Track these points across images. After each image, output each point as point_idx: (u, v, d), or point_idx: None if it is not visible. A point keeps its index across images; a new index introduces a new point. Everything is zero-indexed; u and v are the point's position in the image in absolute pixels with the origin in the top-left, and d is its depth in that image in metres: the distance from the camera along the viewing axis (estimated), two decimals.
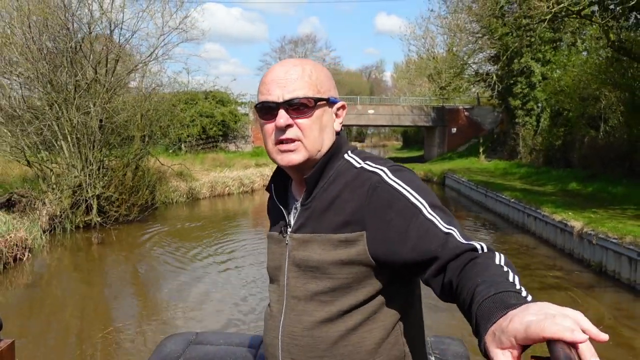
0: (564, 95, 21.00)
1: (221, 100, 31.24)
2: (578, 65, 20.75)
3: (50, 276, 9.53)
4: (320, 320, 1.17)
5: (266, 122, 1.21)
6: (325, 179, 1.22)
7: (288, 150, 1.19)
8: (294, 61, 1.24)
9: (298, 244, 1.22)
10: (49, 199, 12.29)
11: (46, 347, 6.05)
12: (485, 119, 35.28)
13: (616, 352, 5.88)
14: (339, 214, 1.17)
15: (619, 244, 8.36)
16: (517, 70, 26.57)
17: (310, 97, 1.18)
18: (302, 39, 68.19)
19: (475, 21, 20.78)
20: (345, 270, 1.16)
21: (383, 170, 1.18)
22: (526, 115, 26.94)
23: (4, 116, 11.55)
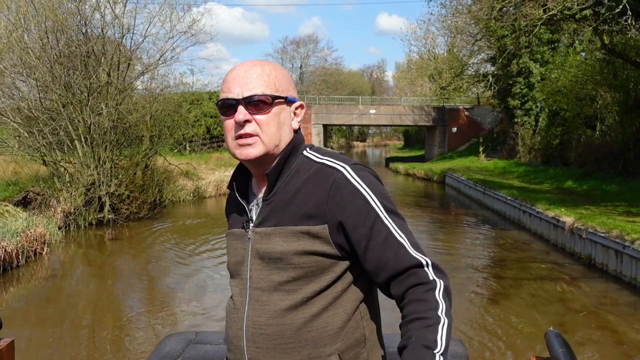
0: (561, 95, 21.46)
1: None
2: (575, 66, 21.21)
3: (67, 270, 10.05)
4: (285, 309, 1.22)
5: (227, 118, 1.26)
6: (285, 174, 1.28)
7: (246, 144, 1.24)
8: (254, 62, 1.29)
9: (260, 238, 1.26)
10: (64, 197, 12.81)
11: (61, 336, 6.54)
12: (485, 118, 35.73)
13: (600, 335, 6.38)
14: (301, 206, 1.22)
15: (606, 237, 8.85)
16: (515, 71, 27.04)
17: (268, 95, 1.24)
18: (303, 39, 68.50)
19: (474, 23, 21.20)
20: (308, 259, 1.21)
21: (345, 167, 1.24)
22: (525, 115, 27.39)
23: (22, 118, 12.07)
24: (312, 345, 1.21)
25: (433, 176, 27.65)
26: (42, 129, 12.18)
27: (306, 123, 34.43)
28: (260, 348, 1.23)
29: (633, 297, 7.68)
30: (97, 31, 12.99)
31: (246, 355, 1.26)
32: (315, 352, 1.21)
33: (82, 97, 12.31)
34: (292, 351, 1.21)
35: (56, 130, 12.34)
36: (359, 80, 73.68)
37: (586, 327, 6.56)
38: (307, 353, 1.21)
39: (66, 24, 11.57)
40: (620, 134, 17.37)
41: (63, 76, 11.55)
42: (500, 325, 6.61)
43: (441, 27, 28.78)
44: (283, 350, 1.22)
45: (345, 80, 67.24)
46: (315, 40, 71.86)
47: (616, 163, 16.95)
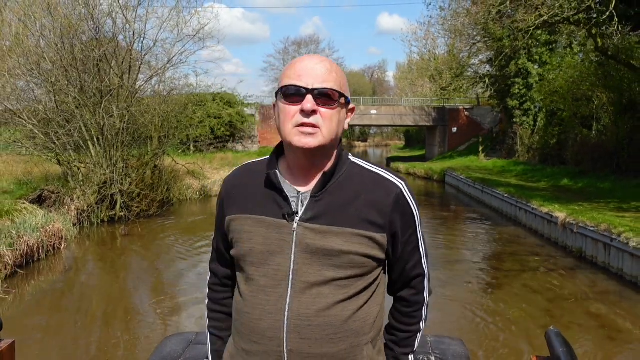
0: (558, 96, 21.95)
1: (228, 102, 32.28)
2: (571, 67, 21.70)
3: (84, 263, 10.56)
4: (337, 302, 1.29)
5: (290, 105, 1.28)
6: (337, 176, 1.34)
7: (307, 133, 1.27)
8: (320, 57, 1.34)
9: (313, 234, 1.29)
10: (77, 195, 13.33)
11: (76, 324, 7.03)
12: (485, 118, 36.19)
13: (585, 319, 6.89)
14: (362, 212, 1.30)
15: (595, 231, 9.36)
16: (514, 72, 27.52)
17: (336, 91, 1.29)
18: (305, 40, 69.15)
19: (473, 25, 21.68)
20: (365, 261, 1.30)
21: (402, 184, 1.37)
22: (523, 115, 27.87)
23: (38, 120, 12.59)
24: (354, 335, 1.30)
25: (433, 175, 28.16)
26: (57, 131, 12.70)
27: None
28: (306, 339, 1.27)
29: (619, 287, 8.17)
30: (109, 35, 13.52)
31: (286, 347, 1.28)
32: (357, 341, 1.31)
33: (95, 99, 12.82)
34: (338, 341, 1.28)
35: (70, 132, 12.86)
36: (360, 81, 74.16)
37: (572, 313, 7.06)
38: (350, 342, 1.30)
39: (80, 29, 12.09)
40: (614, 134, 17.86)
41: (77, 80, 12.07)
42: (495, 316, 7.11)
43: (441, 29, 29.21)
44: (331, 340, 1.28)
45: None
46: (317, 41, 72.36)
47: (611, 162, 17.44)
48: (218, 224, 1.48)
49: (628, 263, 8.33)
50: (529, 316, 6.87)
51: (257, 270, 1.32)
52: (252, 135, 34.42)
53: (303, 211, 1.30)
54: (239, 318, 1.37)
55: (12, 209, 11.30)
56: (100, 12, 13.34)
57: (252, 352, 1.32)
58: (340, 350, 1.29)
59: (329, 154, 1.34)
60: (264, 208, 1.34)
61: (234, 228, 1.37)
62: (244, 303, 1.34)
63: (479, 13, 14.85)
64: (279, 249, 1.30)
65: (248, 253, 1.33)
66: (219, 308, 1.51)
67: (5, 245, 8.61)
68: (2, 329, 1.73)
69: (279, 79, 1.33)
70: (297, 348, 1.27)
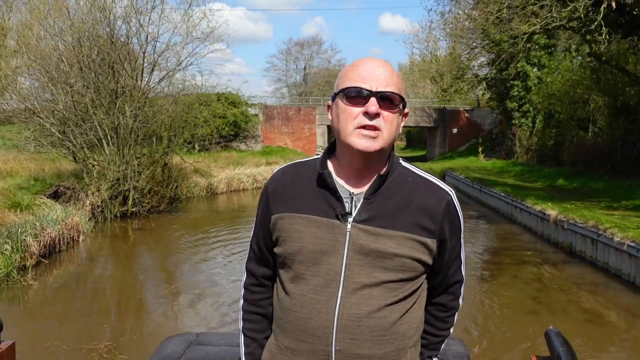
0: (555, 98, 22.54)
1: (233, 102, 32.89)
2: (568, 70, 22.28)
3: (101, 255, 11.14)
4: (387, 304, 1.30)
5: (352, 106, 1.29)
6: (390, 179, 1.35)
7: (370, 136, 1.28)
8: (382, 61, 1.34)
9: (367, 235, 1.30)
10: (91, 191, 13.93)
11: (91, 313, 7.66)
12: (485, 120, 36.76)
13: (569, 305, 7.48)
14: (415, 217, 1.32)
15: (584, 227, 9.94)
16: (513, 74, 28.09)
17: (397, 94, 1.30)
18: (307, 41, 69.62)
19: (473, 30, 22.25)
20: (415, 265, 1.32)
21: (451, 192, 1.39)
22: (522, 117, 28.43)
23: (57, 120, 13.21)
24: (401, 337, 1.32)
25: (433, 175, 28.70)
26: (74, 130, 13.30)
27: (311, 124, 35.51)
28: (356, 339, 1.28)
29: (603, 278, 8.75)
30: (123, 38, 14.12)
31: (334, 347, 1.29)
32: (402, 344, 1.33)
33: (110, 100, 13.43)
34: (386, 343, 1.30)
35: (86, 131, 13.47)
36: None
37: (559, 300, 7.65)
38: (396, 345, 1.32)
39: (96, 33, 12.70)
40: (609, 136, 18.44)
41: (94, 81, 12.68)
42: (486, 300, 7.70)
43: (442, 33, 29.80)
44: (380, 342, 1.29)
45: None
46: (319, 42, 72.70)
47: (605, 163, 18.01)
48: (260, 222, 1.46)
49: (613, 257, 8.91)
50: (517, 302, 7.46)
51: (308, 269, 1.32)
52: (255, 134, 35.04)
53: (357, 212, 1.31)
54: (284, 316, 1.36)
55: (32, 203, 11.92)
56: (115, 15, 13.95)
57: (298, 351, 1.33)
58: (387, 352, 1.30)
59: (384, 157, 1.36)
60: (315, 208, 1.34)
61: (282, 226, 1.36)
62: (292, 302, 1.34)
63: (477, 20, 15.41)
64: (332, 248, 1.30)
65: (298, 252, 1.33)
66: (255, 309, 1.49)
67: (31, 236, 9.21)
68: (3, 330, 1.72)
69: (339, 79, 1.36)
70: (346, 348, 1.28)
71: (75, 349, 5.82)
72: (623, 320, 6.92)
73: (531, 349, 5.58)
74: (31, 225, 9.56)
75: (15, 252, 8.63)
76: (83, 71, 12.68)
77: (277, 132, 35.77)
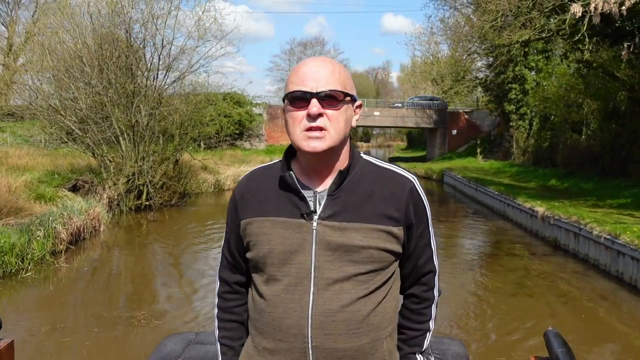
0: (550, 102, 23.39)
1: (238, 102, 33.78)
2: (562, 75, 23.13)
3: (119, 243, 11.99)
4: (359, 297, 1.32)
5: (296, 110, 1.32)
6: (352, 174, 1.37)
7: (315, 137, 1.30)
8: (323, 58, 1.37)
9: (332, 230, 1.32)
10: (108, 185, 14.80)
11: (111, 298, 8.52)
12: (484, 121, 37.59)
13: (549, 289, 8.30)
14: (379, 207, 1.34)
15: (568, 222, 10.78)
16: (511, 78, 28.93)
17: (340, 91, 1.32)
18: (311, 41, 70.52)
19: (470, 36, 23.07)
20: (384, 255, 1.34)
21: (414, 178, 1.41)
22: (519, 119, 29.28)
23: (78, 118, 14.08)
24: (375, 329, 1.34)
25: (432, 175, 29.58)
26: (93, 127, 14.18)
27: None
28: (331, 334, 1.30)
29: (582, 267, 9.60)
30: (139, 42, 14.99)
31: (310, 343, 1.31)
32: (377, 335, 1.34)
33: (127, 100, 14.30)
34: (361, 335, 1.31)
35: (104, 128, 14.34)
36: (363, 82, 75.52)
37: (540, 285, 8.50)
38: (372, 336, 1.33)
39: (116, 37, 13.56)
40: (600, 139, 19.28)
41: (113, 82, 13.54)
42: (474, 285, 8.55)
43: (443, 37, 30.63)
44: (354, 335, 1.31)
45: None
46: (322, 43, 73.63)
47: (596, 164, 18.84)
48: (231, 229, 1.48)
49: (592, 249, 9.75)
50: (503, 287, 8.31)
51: (279, 270, 1.34)
52: (259, 133, 35.93)
53: (322, 209, 1.34)
54: (260, 318, 1.38)
55: (55, 195, 12.80)
56: (132, 19, 14.80)
57: (275, 350, 1.35)
58: (363, 345, 1.32)
59: (340, 153, 1.38)
60: (281, 209, 1.37)
61: (251, 231, 1.39)
62: (266, 303, 1.36)
63: (474, 27, 16.24)
64: (300, 247, 1.33)
65: (268, 254, 1.35)
66: (230, 317, 1.51)
67: (60, 224, 10.07)
68: (2, 328, 1.72)
69: (285, 84, 1.37)
70: (322, 343, 1.30)
71: (106, 315, 6.69)
72: (592, 302, 7.77)
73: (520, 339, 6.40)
74: (59, 214, 10.42)
75: (47, 239, 9.49)
76: (103, 73, 13.54)
77: (280, 132, 36.60)
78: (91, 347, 5.80)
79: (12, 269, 8.27)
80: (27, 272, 8.40)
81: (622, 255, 8.60)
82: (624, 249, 8.50)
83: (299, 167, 1.41)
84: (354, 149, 1.41)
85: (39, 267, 8.76)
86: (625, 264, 8.53)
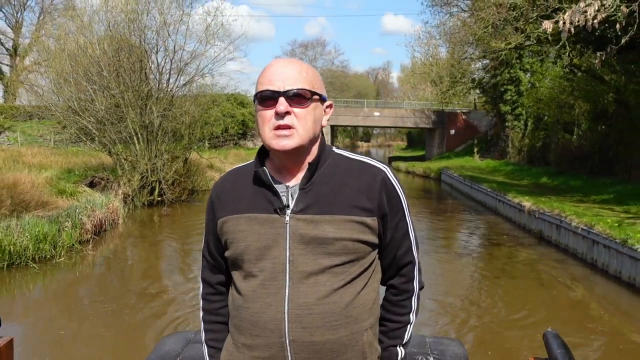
0: (543, 103, 24.33)
1: (241, 102, 34.76)
2: (554, 77, 24.07)
3: (136, 235, 12.94)
4: (335, 289, 1.33)
5: (265, 109, 1.34)
6: (322, 167, 1.39)
7: (284, 135, 1.32)
8: (291, 59, 1.41)
9: (305, 224, 1.33)
10: (123, 182, 15.75)
11: (129, 285, 9.47)
12: (481, 122, 38.50)
13: (529, 273, 9.22)
14: (351, 198, 1.35)
15: (550, 215, 11.71)
16: (507, 79, 29.87)
17: (307, 90, 1.34)
18: (312, 43, 71.45)
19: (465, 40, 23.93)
20: (358, 246, 1.35)
21: (386, 168, 1.42)
22: (515, 119, 30.21)
23: (95, 119, 15.05)
24: (354, 321, 1.35)
25: (430, 173, 30.52)
26: (109, 128, 15.14)
27: None
28: (308, 327, 1.31)
29: (562, 256, 10.52)
30: (152, 47, 15.95)
31: (287, 337, 1.32)
32: (357, 327, 1.36)
33: (141, 102, 15.26)
34: (339, 328, 1.33)
35: (120, 129, 15.29)
36: (364, 83, 76.50)
37: (521, 271, 9.44)
38: (350, 329, 1.34)
39: (132, 43, 14.52)
40: (589, 139, 20.21)
41: (129, 85, 14.51)
42: (462, 269, 9.48)
43: (440, 41, 31.52)
44: (332, 327, 1.32)
45: (351, 83, 70.00)
46: (323, 44, 74.65)
47: (585, 163, 19.76)
48: (209, 229, 1.50)
49: (571, 239, 10.68)
50: (488, 272, 9.25)
51: (255, 266, 1.36)
52: None
53: (294, 203, 1.35)
54: (238, 314, 1.39)
55: (75, 191, 13.75)
56: (146, 26, 15.76)
57: (253, 346, 1.35)
58: (342, 337, 1.33)
59: (310, 151, 1.40)
60: (255, 206, 1.38)
61: (227, 229, 1.40)
62: (243, 299, 1.37)
63: (468, 32, 17.15)
64: (274, 242, 1.34)
65: (244, 251, 1.37)
66: (215, 318, 1.52)
67: (85, 216, 11.02)
68: (1, 326, 1.72)
69: (255, 85, 1.38)
70: (299, 337, 1.31)
71: (130, 289, 7.65)
72: (565, 285, 8.71)
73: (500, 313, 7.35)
74: (84, 207, 11.36)
75: (74, 229, 10.43)
76: (120, 77, 14.49)
77: None
78: (131, 314, 6.79)
79: (47, 255, 9.23)
80: (60, 257, 9.37)
81: (596, 244, 9.53)
82: (598, 238, 9.42)
83: (272, 165, 1.44)
84: (324, 144, 1.44)
85: (70, 254, 9.72)
86: (599, 251, 9.45)
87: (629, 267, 8.40)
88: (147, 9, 14.87)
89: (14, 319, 6.71)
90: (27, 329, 6.49)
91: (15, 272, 8.54)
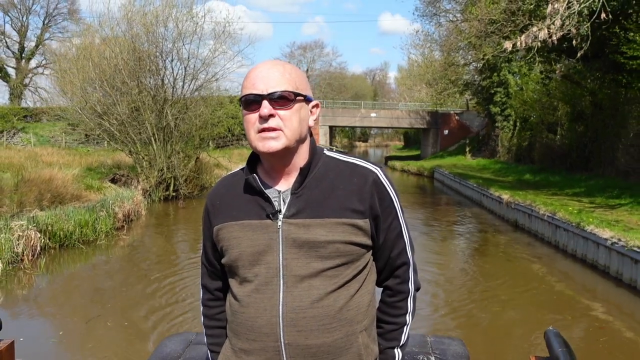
0: (528, 105, 26.03)
1: None
2: (538, 81, 25.76)
3: (158, 224, 14.56)
4: (328, 292, 1.33)
5: (250, 113, 1.34)
6: (314, 171, 1.39)
7: (269, 137, 1.32)
8: (275, 61, 1.40)
9: (297, 228, 1.34)
10: (142, 178, 17.38)
11: (150, 269, 11.11)
12: (474, 122, 40.18)
13: (498, 252, 10.86)
14: (343, 201, 1.36)
15: (523, 205, 13.36)
16: (496, 82, 31.54)
17: (291, 91, 1.34)
18: (310, 44, 72.98)
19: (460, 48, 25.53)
20: (351, 249, 1.35)
21: (377, 169, 1.42)
22: (504, 120, 31.84)
23: (117, 122, 16.70)
24: (349, 323, 1.35)
25: (424, 172, 32.17)
26: (129, 130, 16.76)
27: (315, 124, 38.94)
28: (303, 331, 1.32)
29: (531, 240, 12.17)
30: (165, 56, 17.57)
31: (283, 341, 1.33)
32: (351, 330, 1.36)
33: (159, 106, 16.89)
34: (334, 330, 1.33)
35: (139, 130, 16.92)
36: (362, 84, 78.09)
37: (494, 253, 11.10)
38: (345, 331, 1.35)
39: (151, 53, 16.18)
40: (569, 139, 21.88)
41: (149, 91, 16.14)
42: (445, 248, 11.12)
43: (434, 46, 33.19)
44: (327, 330, 1.33)
45: (349, 84, 71.57)
46: (321, 46, 76.08)
47: (565, 161, 21.42)
48: (206, 236, 1.53)
49: (540, 225, 12.32)
50: (466, 248, 10.90)
51: (250, 271, 1.37)
52: None
53: (286, 208, 1.36)
54: (234, 319, 1.41)
55: (101, 186, 15.37)
56: (161, 35, 17.39)
57: (249, 350, 1.37)
58: (337, 340, 1.33)
59: (300, 152, 1.41)
60: (248, 212, 1.40)
61: (223, 236, 1.42)
62: (239, 304, 1.39)
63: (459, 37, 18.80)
64: (268, 247, 1.35)
65: (238, 257, 1.39)
66: (216, 324, 1.56)
67: (117, 207, 12.63)
68: (2, 329, 1.75)
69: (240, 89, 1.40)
70: (294, 341, 1.32)
71: (159, 263, 9.29)
72: (529, 261, 10.36)
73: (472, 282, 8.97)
74: (115, 199, 12.98)
75: (109, 218, 12.04)
76: (141, 83, 16.12)
77: None
78: (177, 281, 8.44)
79: (89, 238, 10.85)
80: (100, 240, 11.00)
81: (558, 227, 11.17)
82: (559, 223, 11.07)
83: (262, 170, 1.45)
84: (315, 147, 1.44)
85: (108, 238, 11.34)
86: (560, 234, 11.09)
87: (582, 246, 10.05)
88: (165, 22, 16.50)
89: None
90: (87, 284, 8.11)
91: (64, 251, 10.17)
